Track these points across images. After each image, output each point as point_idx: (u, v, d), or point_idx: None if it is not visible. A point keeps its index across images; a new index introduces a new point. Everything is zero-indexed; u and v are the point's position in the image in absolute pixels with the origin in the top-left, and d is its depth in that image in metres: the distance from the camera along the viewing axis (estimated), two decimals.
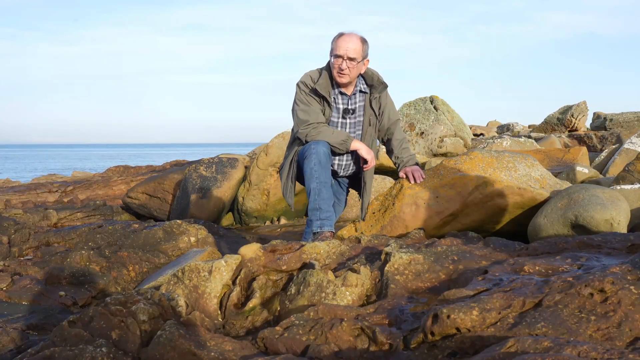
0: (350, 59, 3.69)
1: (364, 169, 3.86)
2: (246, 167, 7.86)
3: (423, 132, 8.92)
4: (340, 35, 3.75)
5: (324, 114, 3.79)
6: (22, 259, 4.56)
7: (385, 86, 3.90)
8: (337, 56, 3.70)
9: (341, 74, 3.73)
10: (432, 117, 8.98)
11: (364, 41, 3.76)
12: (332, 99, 3.84)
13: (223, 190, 7.39)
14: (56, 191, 9.93)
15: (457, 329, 1.93)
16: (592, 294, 1.95)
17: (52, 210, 6.86)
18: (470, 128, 17.69)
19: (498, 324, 1.92)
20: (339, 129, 3.88)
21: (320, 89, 3.74)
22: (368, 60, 3.83)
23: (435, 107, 9.14)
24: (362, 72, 3.84)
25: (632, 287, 1.92)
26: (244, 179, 7.66)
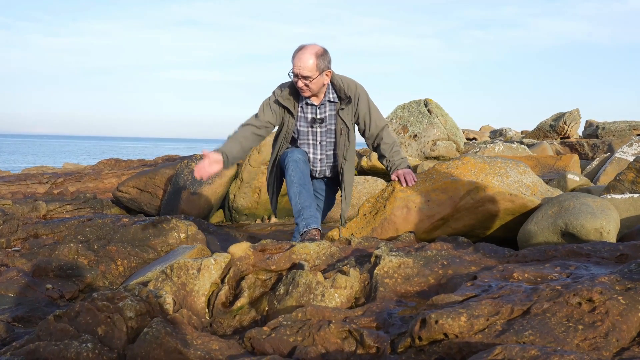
0: (304, 77, 3.70)
1: None
2: (238, 165, 7.84)
3: (416, 135, 8.93)
4: (297, 51, 3.72)
5: (287, 124, 3.89)
6: (9, 250, 4.52)
7: (350, 100, 3.88)
8: (294, 74, 3.73)
9: (301, 90, 3.78)
10: (426, 120, 8.99)
11: (318, 55, 3.70)
12: (300, 108, 3.91)
13: (214, 187, 7.36)
14: (46, 182, 9.86)
15: (445, 334, 1.93)
16: (580, 303, 1.95)
17: (42, 201, 6.80)
18: (463, 132, 17.73)
19: (486, 330, 1.92)
20: (309, 137, 3.96)
21: (282, 100, 3.83)
22: (330, 71, 3.80)
23: (429, 110, 9.16)
24: (325, 82, 3.83)
25: (620, 298, 1.93)
26: (235, 176, 7.65)
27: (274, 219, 7.33)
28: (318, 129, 3.94)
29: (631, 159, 7.10)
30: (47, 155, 49.12)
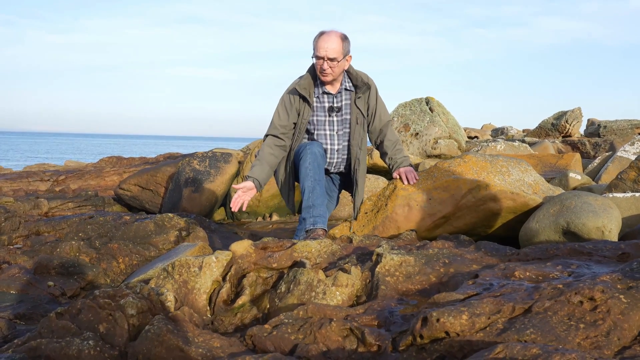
0: (331, 59, 3.74)
1: None
2: (240, 163, 7.84)
3: (418, 133, 8.92)
4: (320, 35, 3.78)
5: (303, 115, 3.87)
6: (11, 247, 4.53)
7: (369, 87, 3.93)
8: (318, 57, 3.75)
9: (324, 73, 3.78)
10: (427, 119, 8.98)
11: (343, 38, 3.79)
12: (316, 98, 3.91)
13: (216, 185, 7.37)
14: (48, 180, 9.87)
15: (446, 332, 1.93)
16: (581, 302, 1.95)
17: (43, 199, 6.81)
18: (465, 130, 17.71)
19: (487, 329, 1.92)
20: (327, 126, 3.94)
21: (300, 88, 3.82)
22: (350, 57, 3.88)
23: (430, 109, 9.15)
24: (346, 68, 3.88)
25: (621, 296, 1.93)
26: (237, 174, 7.65)
27: (275, 217, 7.33)
28: (335, 118, 3.93)
29: (633, 157, 7.09)
30: (48, 152, 49.22)
